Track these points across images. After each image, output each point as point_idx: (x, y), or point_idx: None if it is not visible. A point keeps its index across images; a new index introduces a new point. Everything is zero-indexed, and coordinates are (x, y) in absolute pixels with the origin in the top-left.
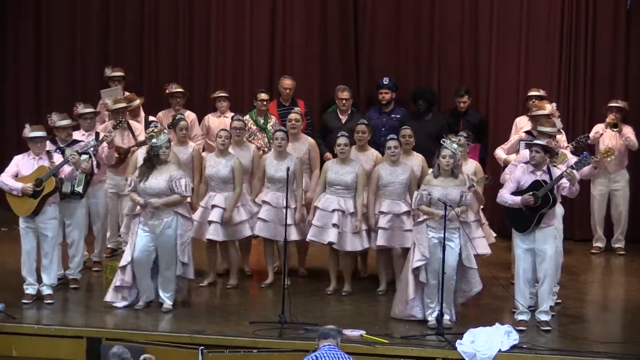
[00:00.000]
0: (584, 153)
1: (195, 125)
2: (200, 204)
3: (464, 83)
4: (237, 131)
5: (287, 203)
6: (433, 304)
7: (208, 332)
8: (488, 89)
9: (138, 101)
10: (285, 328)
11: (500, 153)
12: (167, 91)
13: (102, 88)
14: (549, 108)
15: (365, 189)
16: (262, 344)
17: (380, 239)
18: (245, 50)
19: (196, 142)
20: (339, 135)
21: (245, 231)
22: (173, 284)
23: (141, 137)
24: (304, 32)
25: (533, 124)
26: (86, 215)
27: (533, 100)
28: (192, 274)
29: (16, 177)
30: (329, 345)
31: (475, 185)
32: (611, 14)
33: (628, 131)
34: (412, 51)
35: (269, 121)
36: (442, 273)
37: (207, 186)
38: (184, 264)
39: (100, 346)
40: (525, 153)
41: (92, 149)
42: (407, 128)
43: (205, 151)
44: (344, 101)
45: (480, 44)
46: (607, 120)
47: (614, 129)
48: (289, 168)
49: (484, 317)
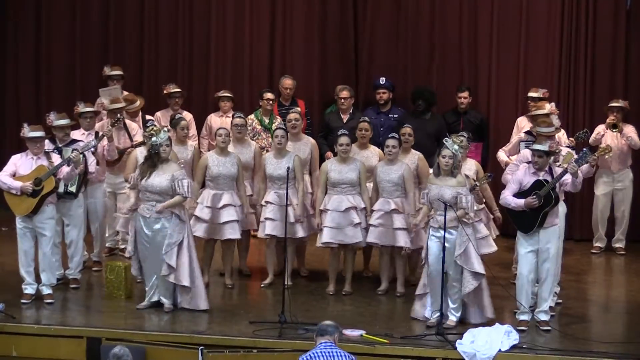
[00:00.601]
0: (583, 149)
1: (192, 125)
2: (204, 203)
3: (464, 82)
4: (238, 128)
5: (288, 201)
6: (436, 304)
7: (208, 332)
8: (488, 89)
9: (139, 102)
10: (285, 328)
11: (502, 156)
12: (164, 92)
13: (102, 87)
14: (548, 107)
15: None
16: (262, 344)
17: (371, 236)
18: (245, 50)
19: (193, 141)
20: (339, 134)
21: (253, 223)
22: (172, 284)
23: (138, 137)
24: (304, 32)
25: (532, 124)
26: (84, 215)
27: (530, 102)
28: (186, 281)
29: (14, 176)
30: (326, 342)
31: (479, 185)
32: (611, 14)
33: (630, 130)
34: (411, 51)
35: (274, 121)
36: (442, 273)
37: (200, 186)
38: (169, 267)
39: (100, 346)
40: (526, 153)
41: (93, 148)
42: (408, 126)
43: (208, 150)
44: (343, 100)
45: (480, 43)
46: (607, 120)
47: (614, 130)
48: (289, 167)
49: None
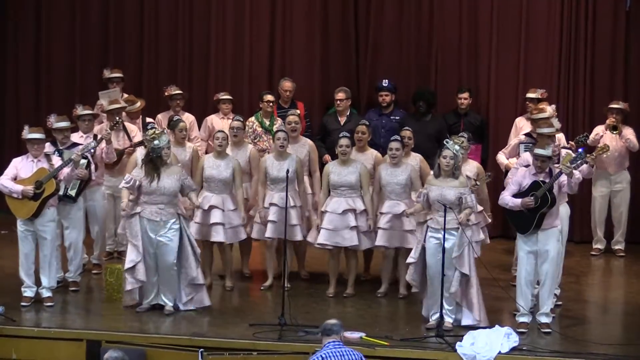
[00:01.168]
0: (579, 151)
1: (194, 127)
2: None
3: (463, 84)
4: (235, 131)
5: (291, 202)
6: (434, 306)
7: (208, 334)
8: (488, 89)
9: (139, 103)
10: (285, 330)
11: (502, 158)
12: (165, 93)
13: (102, 89)
14: (550, 111)
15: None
16: (261, 346)
17: (380, 239)
18: (245, 51)
19: (195, 143)
20: (340, 135)
21: (242, 234)
22: (174, 286)
23: (137, 139)
24: (305, 34)
25: (533, 126)
26: (84, 218)
27: (528, 103)
28: (202, 279)
29: (15, 179)
30: (333, 342)
31: (479, 184)
32: (611, 15)
33: (628, 132)
34: (412, 53)
35: (275, 123)
36: (442, 274)
37: (200, 187)
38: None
39: (99, 349)
40: (526, 156)
41: (92, 150)
42: (408, 129)
43: (207, 153)
44: (339, 102)
45: (480, 44)
46: (607, 122)
47: (614, 132)
48: (288, 170)
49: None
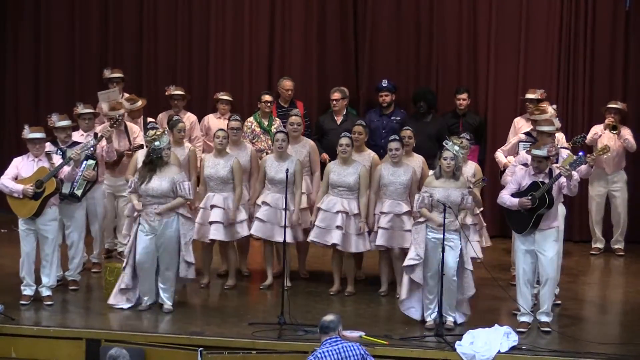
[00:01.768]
0: (579, 153)
1: (195, 126)
2: (199, 205)
3: (463, 84)
4: (234, 131)
5: (287, 205)
6: (432, 305)
7: (207, 333)
8: (487, 89)
9: (140, 102)
10: (284, 329)
11: (500, 156)
12: (166, 93)
13: (101, 89)
14: (551, 111)
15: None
16: (261, 345)
17: (380, 239)
18: (245, 51)
19: (196, 143)
20: (341, 135)
21: (242, 232)
22: (173, 284)
23: (138, 140)
24: (303, 34)
25: (533, 126)
26: (85, 217)
27: (527, 104)
28: (193, 274)
29: (16, 179)
30: (331, 338)
31: (472, 187)
32: (610, 15)
33: (626, 133)
34: (411, 53)
35: (273, 123)
36: (441, 274)
37: (205, 187)
38: (189, 264)
39: (99, 348)
40: (524, 155)
41: (91, 148)
42: (408, 129)
43: (204, 152)
44: (335, 102)
45: (480, 44)
46: (606, 122)
47: (613, 132)
48: (287, 170)
49: (483, 318)
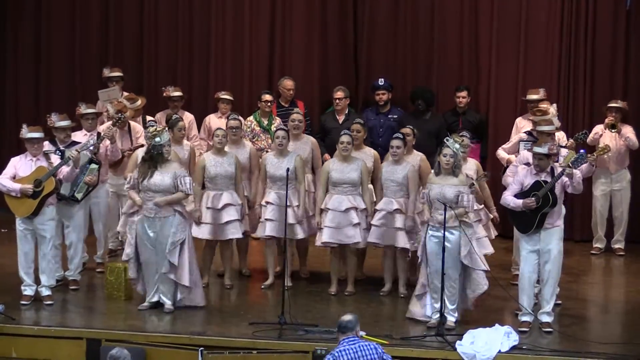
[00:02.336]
0: (581, 151)
1: (193, 125)
2: (204, 205)
3: (463, 82)
4: (233, 130)
5: (288, 202)
6: (437, 304)
7: (208, 333)
8: (488, 88)
9: (139, 101)
10: (285, 329)
11: (502, 153)
12: (164, 94)
13: (101, 88)
14: (552, 111)
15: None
16: (261, 345)
17: (372, 236)
18: (245, 51)
19: (194, 142)
20: (342, 133)
21: (237, 231)
22: (172, 284)
23: (141, 140)
24: (304, 33)
25: (533, 125)
26: (85, 217)
27: (531, 105)
28: (187, 281)
29: (14, 178)
30: (348, 338)
31: (475, 183)
32: (611, 14)
33: (628, 131)
34: (411, 52)
35: (273, 122)
36: (442, 273)
37: (201, 186)
38: (172, 265)
39: (100, 347)
40: (526, 154)
41: (92, 147)
42: (408, 127)
43: (206, 151)
44: (337, 101)
45: (480, 44)
46: (606, 121)
47: (613, 130)
48: (288, 168)
49: (484, 318)
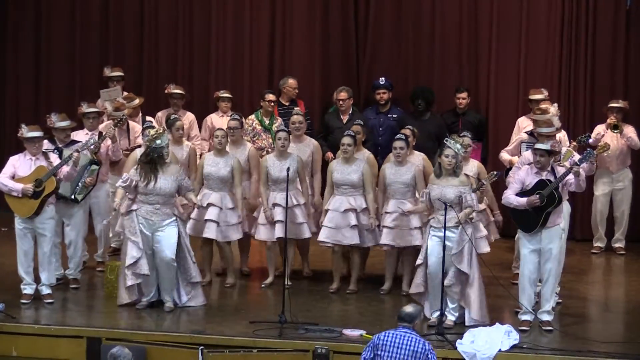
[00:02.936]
0: (588, 149)
1: (194, 125)
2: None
3: (463, 83)
4: (232, 131)
5: (295, 201)
6: (436, 304)
7: (208, 331)
8: (488, 89)
9: (137, 101)
10: (285, 328)
11: (505, 155)
12: (166, 91)
13: (102, 88)
14: (553, 110)
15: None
16: (262, 344)
17: (386, 238)
18: (245, 50)
19: (195, 142)
20: (345, 134)
21: (235, 235)
22: (173, 286)
23: (139, 140)
24: (305, 32)
25: (534, 126)
26: (85, 216)
27: (533, 104)
28: (198, 277)
29: (13, 178)
30: (404, 327)
31: (485, 183)
32: (611, 14)
33: (629, 131)
34: (412, 51)
35: (275, 122)
36: (442, 273)
37: (200, 185)
38: (183, 266)
39: (100, 346)
40: (528, 154)
41: (92, 146)
42: (408, 127)
43: (208, 151)
44: (341, 102)
45: (480, 44)
46: (608, 121)
47: (615, 131)
48: (289, 168)
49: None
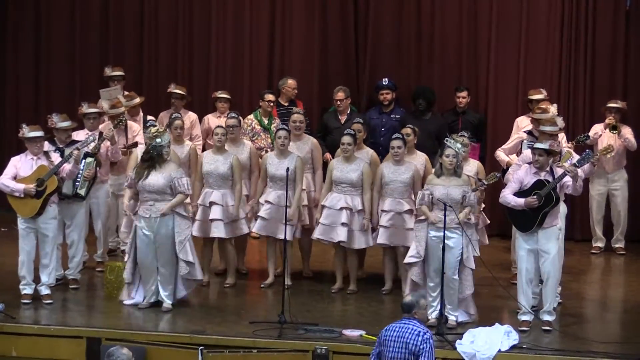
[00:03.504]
0: (587, 151)
1: (196, 125)
2: (197, 202)
3: (463, 82)
4: (231, 129)
5: (287, 202)
6: (434, 303)
7: (208, 332)
8: (487, 88)
9: (137, 99)
10: (285, 328)
11: (501, 155)
12: (167, 90)
13: (102, 88)
14: (553, 110)
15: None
16: (261, 344)
17: (382, 237)
18: (245, 50)
19: (196, 142)
20: (345, 133)
21: (244, 228)
22: (171, 282)
23: (138, 138)
24: (304, 32)
25: (535, 125)
26: (86, 216)
27: (533, 104)
28: (200, 275)
29: (15, 178)
30: (406, 318)
31: (486, 183)
32: (611, 14)
33: (626, 132)
34: (412, 51)
35: (273, 122)
36: (442, 272)
37: (201, 184)
38: (188, 263)
39: (100, 346)
40: (528, 153)
41: (92, 145)
42: (409, 127)
43: (203, 151)
44: (338, 102)
45: (480, 44)
46: (606, 121)
47: (613, 131)
48: (288, 168)
49: (484, 317)
